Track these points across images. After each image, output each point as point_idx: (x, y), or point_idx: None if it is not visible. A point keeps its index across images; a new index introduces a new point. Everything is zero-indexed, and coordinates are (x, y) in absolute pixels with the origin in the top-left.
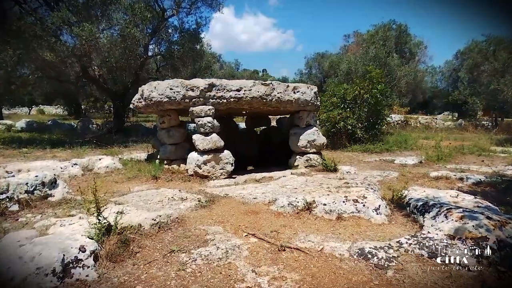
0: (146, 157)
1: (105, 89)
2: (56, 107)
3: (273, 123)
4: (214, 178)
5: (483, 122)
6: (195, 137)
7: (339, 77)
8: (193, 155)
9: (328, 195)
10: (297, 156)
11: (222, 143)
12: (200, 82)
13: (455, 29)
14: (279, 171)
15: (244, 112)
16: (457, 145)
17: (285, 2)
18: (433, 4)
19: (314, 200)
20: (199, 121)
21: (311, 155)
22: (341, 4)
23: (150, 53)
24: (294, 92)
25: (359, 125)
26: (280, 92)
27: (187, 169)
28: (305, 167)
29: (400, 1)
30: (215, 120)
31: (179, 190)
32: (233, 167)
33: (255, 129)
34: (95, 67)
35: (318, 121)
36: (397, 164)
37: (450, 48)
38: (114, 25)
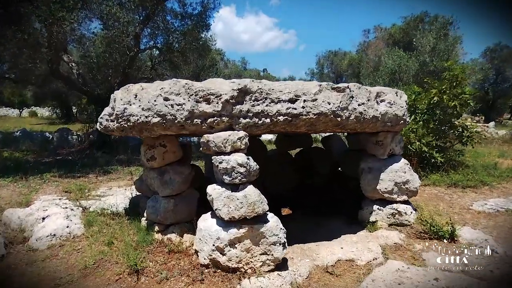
0: (127, 205)
1: (84, 91)
2: (49, 109)
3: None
4: (250, 272)
5: None
6: (213, 192)
7: (383, 77)
8: (209, 227)
9: None
10: (375, 206)
11: (266, 205)
12: (224, 86)
13: (482, 27)
14: (347, 233)
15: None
16: None
17: (286, 1)
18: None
19: None
20: (221, 162)
21: (400, 206)
22: (344, 2)
23: (142, 46)
24: (378, 103)
25: (434, 144)
26: (362, 104)
27: (197, 251)
28: (389, 225)
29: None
30: (251, 159)
31: None
32: (285, 250)
33: (289, 151)
34: (73, 64)
35: None
36: None
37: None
38: (88, 2)
